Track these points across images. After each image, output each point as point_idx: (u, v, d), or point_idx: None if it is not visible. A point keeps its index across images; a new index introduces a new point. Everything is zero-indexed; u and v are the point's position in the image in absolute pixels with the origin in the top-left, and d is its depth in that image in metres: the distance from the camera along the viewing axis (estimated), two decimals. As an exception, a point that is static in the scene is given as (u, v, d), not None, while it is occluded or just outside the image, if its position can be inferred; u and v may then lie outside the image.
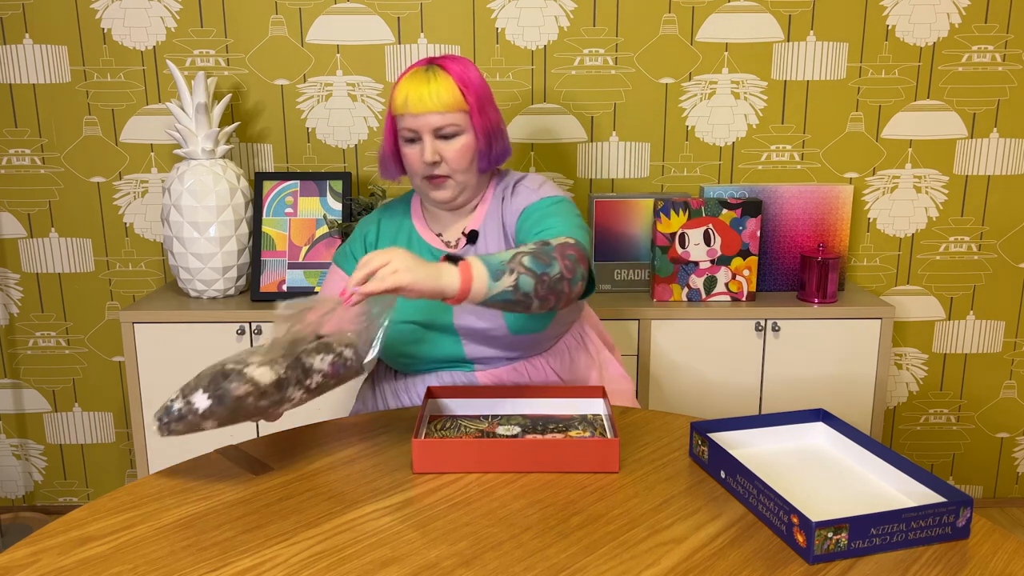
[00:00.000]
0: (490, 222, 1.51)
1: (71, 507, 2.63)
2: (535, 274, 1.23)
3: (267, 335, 2.11)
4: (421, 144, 1.43)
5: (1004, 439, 2.59)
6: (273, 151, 2.40)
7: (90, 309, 2.48)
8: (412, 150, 1.45)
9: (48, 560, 1.01)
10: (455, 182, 1.46)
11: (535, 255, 1.24)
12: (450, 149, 1.43)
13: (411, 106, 1.40)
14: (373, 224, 1.59)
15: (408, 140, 1.45)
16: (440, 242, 1.53)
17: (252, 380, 1.15)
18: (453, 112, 1.41)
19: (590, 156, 2.41)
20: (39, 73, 2.34)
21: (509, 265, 1.22)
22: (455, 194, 1.48)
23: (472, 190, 1.50)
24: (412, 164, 1.46)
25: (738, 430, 1.27)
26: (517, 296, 1.22)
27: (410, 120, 1.42)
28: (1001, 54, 2.34)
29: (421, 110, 1.40)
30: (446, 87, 1.40)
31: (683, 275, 2.20)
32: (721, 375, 2.17)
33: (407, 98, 1.41)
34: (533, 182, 1.51)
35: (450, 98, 1.40)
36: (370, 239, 1.57)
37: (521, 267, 1.22)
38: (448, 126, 1.42)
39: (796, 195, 2.26)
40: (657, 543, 1.03)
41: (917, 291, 2.49)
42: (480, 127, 1.44)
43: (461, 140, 1.43)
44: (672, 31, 2.33)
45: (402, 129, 1.44)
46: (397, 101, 1.43)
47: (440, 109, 1.40)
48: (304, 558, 1.01)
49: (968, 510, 1.02)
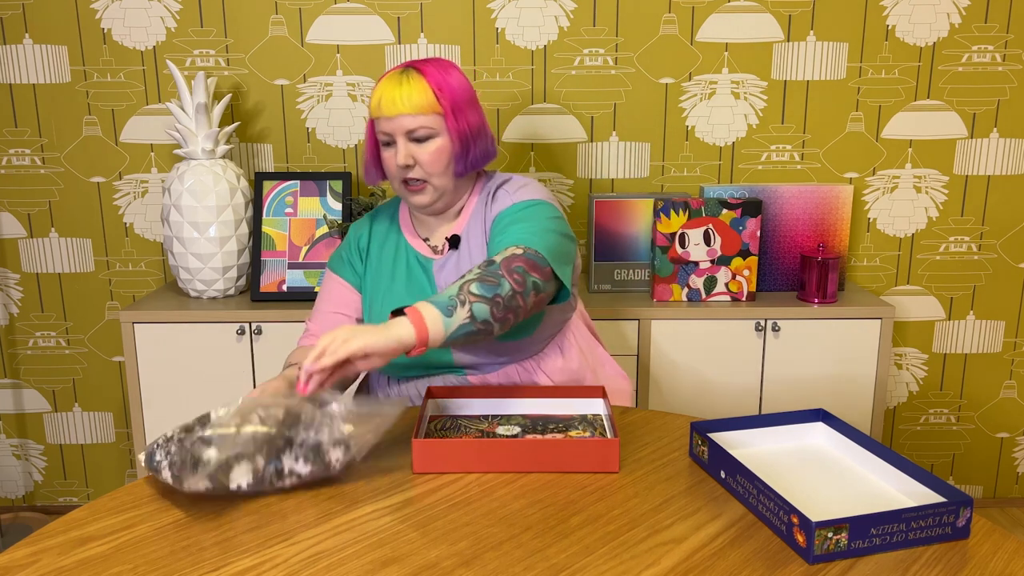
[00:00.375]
0: (474, 226, 1.51)
1: (71, 507, 2.63)
2: (487, 299, 1.24)
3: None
4: (395, 147, 1.43)
5: (1004, 439, 2.59)
6: (273, 151, 2.40)
7: (90, 309, 2.48)
8: (388, 153, 1.45)
9: (48, 560, 1.01)
10: (432, 187, 1.45)
11: (481, 280, 1.25)
12: (423, 152, 1.42)
13: (384, 108, 1.40)
14: (364, 228, 1.59)
15: (385, 144, 1.45)
16: (427, 247, 1.53)
17: (224, 486, 1.12)
18: (426, 115, 1.40)
19: (590, 156, 2.41)
20: (39, 73, 2.34)
21: (458, 298, 1.23)
22: (432, 199, 1.47)
23: (451, 195, 1.48)
24: (389, 168, 1.46)
25: (738, 430, 1.27)
26: (477, 326, 1.24)
27: (384, 123, 1.42)
28: (1001, 54, 2.34)
29: (393, 112, 1.40)
30: (419, 89, 1.40)
31: (683, 275, 2.20)
32: (721, 375, 2.17)
33: (380, 100, 1.41)
34: (513, 185, 1.50)
35: (422, 100, 1.39)
36: (363, 243, 1.58)
37: (471, 295, 1.23)
38: (420, 128, 1.40)
39: (796, 195, 2.26)
40: (657, 543, 1.03)
41: (917, 291, 2.49)
42: (455, 130, 1.42)
43: (435, 143, 1.42)
44: (672, 31, 2.33)
45: (378, 132, 1.44)
46: (372, 104, 1.43)
47: (411, 111, 1.39)
48: (304, 558, 1.01)
49: (968, 510, 1.02)
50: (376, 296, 1.53)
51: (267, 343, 2.12)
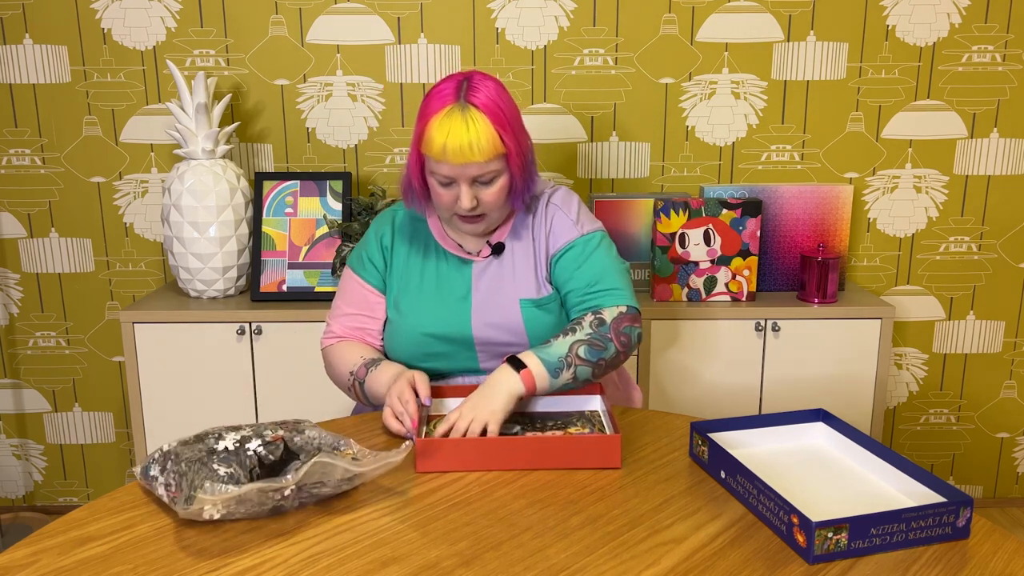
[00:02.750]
0: (517, 235, 1.50)
1: (71, 507, 2.63)
2: (591, 363, 1.37)
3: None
4: (456, 188, 1.38)
5: (1004, 439, 2.59)
6: (273, 151, 2.40)
7: (90, 309, 2.48)
8: (447, 192, 1.39)
9: (48, 560, 1.01)
10: (489, 218, 1.44)
11: (591, 344, 1.37)
12: (488, 193, 1.39)
13: (450, 156, 1.34)
14: (387, 225, 1.56)
15: (442, 184, 1.39)
16: (462, 251, 1.51)
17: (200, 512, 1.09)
18: (493, 160, 1.36)
19: (590, 156, 2.41)
20: (39, 73, 2.34)
21: (567, 359, 1.35)
22: (487, 228, 1.46)
23: (502, 217, 1.48)
24: (444, 202, 1.41)
25: (738, 430, 1.27)
26: (577, 384, 1.38)
27: (447, 168, 1.36)
28: (1001, 54, 2.34)
29: (461, 161, 1.34)
30: (485, 134, 1.34)
31: (683, 275, 2.20)
32: (721, 375, 2.17)
33: (445, 147, 1.33)
34: (566, 205, 1.50)
35: (488, 146, 1.34)
36: (385, 242, 1.54)
37: (578, 359, 1.35)
38: (487, 174, 1.37)
39: (796, 195, 2.26)
40: (657, 543, 1.03)
41: (917, 291, 2.49)
42: (517, 166, 1.40)
43: (498, 183, 1.39)
44: (672, 31, 2.33)
45: (436, 174, 1.38)
46: (434, 147, 1.35)
47: (481, 159, 1.34)
48: (304, 558, 1.01)
49: (968, 510, 1.02)
50: (404, 294, 1.51)
51: (267, 343, 2.12)
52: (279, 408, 2.15)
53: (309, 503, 1.14)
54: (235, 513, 1.09)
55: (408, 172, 1.45)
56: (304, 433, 1.20)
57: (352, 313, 1.53)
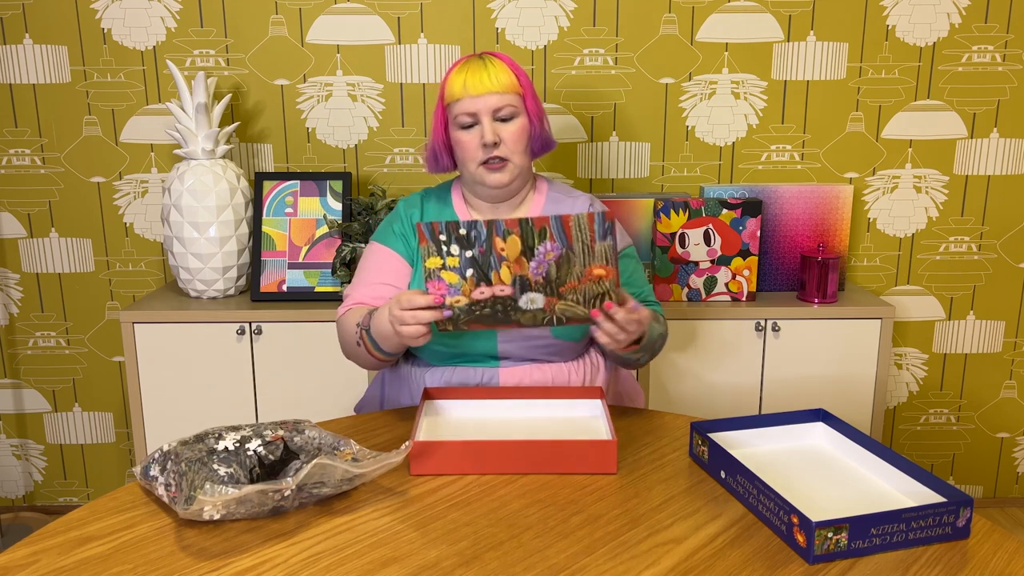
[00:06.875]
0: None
1: (71, 507, 2.63)
2: (663, 335, 1.53)
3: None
4: (479, 128, 1.46)
5: (1004, 439, 2.59)
6: (273, 151, 2.40)
7: (90, 309, 2.48)
8: (469, 136, 1.47)
9: (48, 560, 1.01)
10: (512, 165, 1.49)
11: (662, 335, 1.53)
12: (508, 131, 1.47)
13: (470, 88, 1.44)
14: (416, 206, 1.59)
15: (464, 127, 1.47)
16: None
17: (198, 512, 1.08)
18: (511, 93, 1.46)
19: (590, 156, 2.41)
20: (39, 73, 2.34)
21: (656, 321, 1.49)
22: (511, 178, 1.50)
23: (523, 177, 1.54)
24: (469, 150, 1.48)
25: (738, 430, 1.27)
26: (657, 345, 1.51)
27: (468, 103, 1.45)
28: (1001, 54, 2.34)
29: (481, 91, 1.44)
30: (503, 70, 1.46)
31: (683, 275, 2.20)
32: (721, 375, 2.17)
33: (465, 82, 1.45)
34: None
35: (507, 81, 1.45)
36: (415, 219, 1.57)
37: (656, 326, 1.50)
38: (506, 107, 1.45)
39: (796, 195, 2.26)
40: (657, 543, 1.03)
41: (917, 291, 2.49)
42: (533, 110, 1.50)
43: (518, 122, 1.47)
44: (672, 31, 2.33)
45: (459, 115, 1.46)
46: (455, 87, 1.46)
47: (499, 89, 1.44)
48: (304, 558, 1.01)
49: (968, 510, 1.02)
50: None
51: (267, 343, 2.12)
52: (279, 408, 2.15)
53: (309, 503, 1.14)
54: (235, 513, 1.09)
55: (432, 135, 1.54)
56: (304, 433, 1.20)
57: (377, 282, 1.53)
